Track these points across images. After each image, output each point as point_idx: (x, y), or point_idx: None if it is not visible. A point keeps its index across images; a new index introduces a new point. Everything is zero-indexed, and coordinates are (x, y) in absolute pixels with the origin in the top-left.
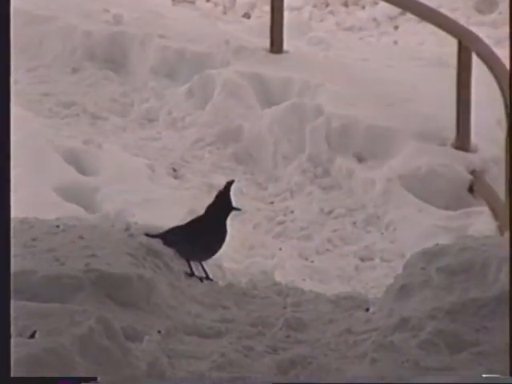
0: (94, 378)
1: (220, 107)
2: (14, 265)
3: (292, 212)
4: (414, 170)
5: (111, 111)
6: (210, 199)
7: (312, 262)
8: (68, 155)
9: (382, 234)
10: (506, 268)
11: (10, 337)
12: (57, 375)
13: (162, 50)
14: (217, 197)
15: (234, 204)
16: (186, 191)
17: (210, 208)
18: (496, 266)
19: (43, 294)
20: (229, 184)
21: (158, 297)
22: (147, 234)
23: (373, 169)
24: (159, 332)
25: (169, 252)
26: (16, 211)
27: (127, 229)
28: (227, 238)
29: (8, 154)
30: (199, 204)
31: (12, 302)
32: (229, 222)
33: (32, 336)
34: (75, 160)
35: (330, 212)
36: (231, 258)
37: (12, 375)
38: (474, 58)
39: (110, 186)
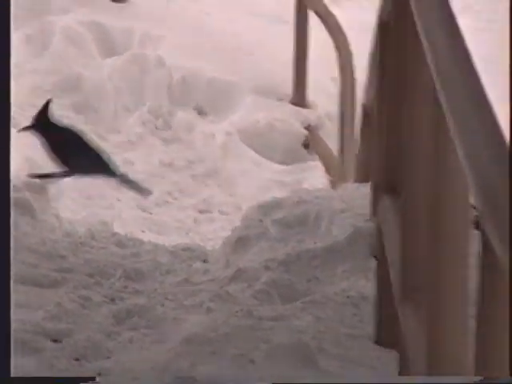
0: (93, 378)
1: (59, 55)
2: None
3: (132, 164)
4: (253, 124)
5: None
6: None
7: (151, 213)
8: None
9: (221, 187)
10: (338, 220)
11: (9, 337)
12: None
13: None
14: None
15: None
16: (23, 139)
17: None
18: (328, 219)
19: None
20: None
21: None
22: None
23: (213, 122)
24: None
25: None
26: None
27: None
28: None
29: (8, 154)
30: (37, 154)
31: None
32: None
33: None
34: None
35: (170, 164)
36: (68, 208)
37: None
38: (312, 15)
39: None
